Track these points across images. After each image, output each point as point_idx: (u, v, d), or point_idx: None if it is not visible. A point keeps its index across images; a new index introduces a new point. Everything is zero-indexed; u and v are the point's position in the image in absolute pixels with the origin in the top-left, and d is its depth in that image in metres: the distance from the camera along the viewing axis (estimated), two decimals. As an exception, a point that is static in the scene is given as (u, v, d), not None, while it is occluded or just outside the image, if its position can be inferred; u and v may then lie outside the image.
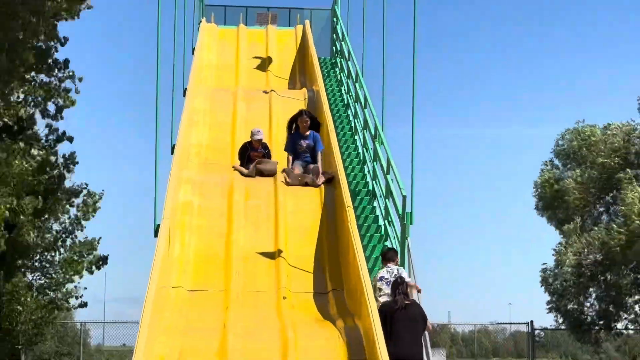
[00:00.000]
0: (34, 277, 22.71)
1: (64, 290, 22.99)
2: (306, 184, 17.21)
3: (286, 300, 14.93)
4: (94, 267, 23.89)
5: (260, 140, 18.85)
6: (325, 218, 16.76)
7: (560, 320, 39.24)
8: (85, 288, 23.75)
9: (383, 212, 18.64)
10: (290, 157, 18.44)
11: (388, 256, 15.49)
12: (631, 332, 40.75)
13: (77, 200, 24.39)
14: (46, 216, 22.60)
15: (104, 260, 24.06)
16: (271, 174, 18.23)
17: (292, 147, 18.32)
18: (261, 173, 18.32)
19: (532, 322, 36.92)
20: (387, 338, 12.71)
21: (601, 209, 39.09)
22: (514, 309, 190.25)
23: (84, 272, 23.55)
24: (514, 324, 51.77)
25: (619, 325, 39.31)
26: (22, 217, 20.53)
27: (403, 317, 13.69)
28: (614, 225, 36.13)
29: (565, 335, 42.81)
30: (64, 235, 23.50)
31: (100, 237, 24.11)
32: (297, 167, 17.84)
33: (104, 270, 30.36)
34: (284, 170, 17.92)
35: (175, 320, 13.85)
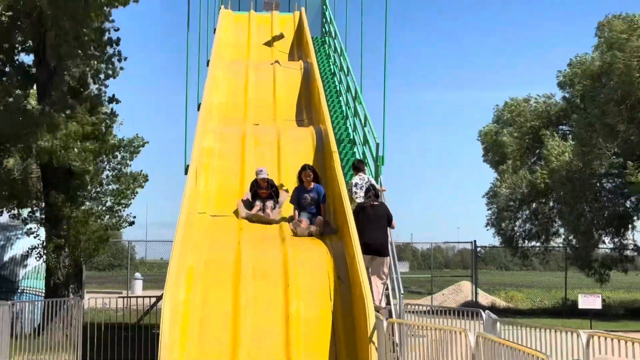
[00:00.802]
0: (93, 205, 22.72)
1: (116, 215, 23.03)
2: (310, 234, 14.32)
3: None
4: (138, 184, 23.82)
5: (265, 179, 15.48)
6: (316, 160, 16.83)
7: (496, 240, 39.61)
8: (134, 217, 23.71)
9: (361, 155, 18.75)
10: (297, 211, 15.06)
11: (359, 166, 16.53)
12: (552, 247, 41.04)
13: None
14: (102, 157, 22.61)
15: (144, 177, 23.93)
16: (269, 222, 15.10)
17: (297, 200, 15.13)
18: (258, 219, 15.15)
19: (475, 241, 37.16)
20: (360, 231, 13.59)
21: (528, 157, 39.31)
22: (461, 232, 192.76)
23: (131, 202, 23.60)
24: (461, 242, 52.05)
25: (541, 243, 39.68)
26: (84, 157, 20.56)
27: (372, 214, 14.41)
28: (538, 168, 36.43)
29: (500, 251, 43.03)
30: (114, 172, 23.48)
31: (142, 170, 24.07)
32: (303, 219, 14.72)
33: (146, 200, 30.39)
34: (290, 221, 14.98)
35: (201, 238, 13.96)
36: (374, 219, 14.33)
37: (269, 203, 15.23)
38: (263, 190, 15.32)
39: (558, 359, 6.98)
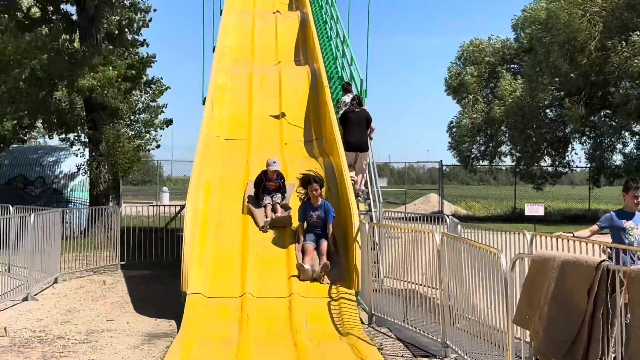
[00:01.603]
0: (127, 131, 22.70)
1: (146, 139, 23.02)
2: (314, 280, 11.02)
3: (287, 145, 15.05)
4: (164, 125, 23.81)
5: (276, 171, 12.68)
6: (311, 93, 16.74)
7: (458, 160, 39.71)
8: (161, 136, 23.74)
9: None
10: (301, 234, 11.79)
11: (347, 87, 16.55)
12: (503, 166, 41.20)
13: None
14: (134, 92, 22.53)
15: (170, 121, 23.95)
16: (285, 224, 12.24)
17: (303, 217, 11.93)
18: (274, 224, 12.26)
19: (441, 161, 37.15)
20: (346, 132, 14.32)
21: (485, 91, 39.14)
22: (430, 154, 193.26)
23: (158, 128, 23.58)
24: (429, 162, 52.05)
25: (494, 162, 39.83)
26: (118, 94, 20.49)
27: (355, 118, 14.62)
28: (495, 101, 36.35)
29: (461, 169, 43.11)
30: (144, 104, 23.42)
31: (166, 104, 24.01)
32: (307, 258, 11.30)
33: (171, 127, 30.37)
34: (296, 237, 11.81)
35: (216, 157, 13.96)
36: (356, 122, 14.62)
37: (277, 198, 12.47)
38: (272, 183, 12.54)
39: (507, 253, 7.08)
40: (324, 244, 11.46)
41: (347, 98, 15.88)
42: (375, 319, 10.42)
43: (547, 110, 36.80)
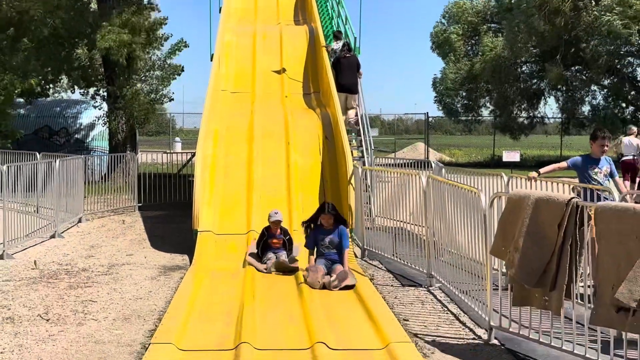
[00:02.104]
0: (143, 86, 22.51)
1: (160, 93, 22.84)
2: (324, 286, 8.33)
3: (287, 97, 14.95)
4: (178, 73, 23.37)
5: (279, 222, 9.86)
6: (309, 50, 16.55)
7: (443, 112, 39.58)
8: (173, 93, 23.51)
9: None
10: (312, 257, 9.07)
11: (337, 35, 16.47)
12: (483, 118, 41.10)
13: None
14: (149, 49, 22.24)
15: (182, 69, 23.47)
16: (292, 270, 9.16)
17: (312, 243, 9.14)
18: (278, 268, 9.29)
19: (427, 113, 37.00)
20: (337, 75, 14.52)
21: (468, 47, 38.81)
22: (417, 106, 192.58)
23: (173, 77, 23.25)
24: (417, 114, 51.83)
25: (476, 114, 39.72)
26: (133, 50, 20.25)
27: (346, 63, 14.90)
28: (478, 58, 36.09)
29: (446, 120, 43.01)
30: (161, 61, 23.12)
31: (182, 67, 23.66)
32: (320, 266, 8.74)
33: (182, 83, 30.09)
34: (307, 269, 8.84)
35: (223, 108, 13.88)
36: (348, 66, 14.89)
37: (282, 254, 9.47)
38: (275, 240, 9.68)
39: (486, 193, 7.09)
40: (339, 268, 8.58)
41: (337, 45, 15.87)
42: (367, 253, 10.49)
43: (524, 67, 36.58)
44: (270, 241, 9.64)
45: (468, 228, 7.33)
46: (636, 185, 14.96)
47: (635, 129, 17.79)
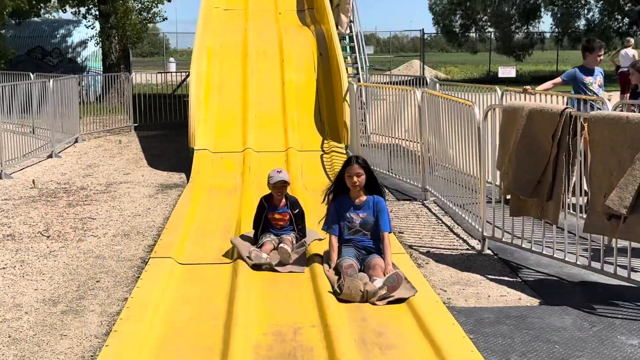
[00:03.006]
0: (134, 4, 22.07)
1: (152, 12, 22.42)
2: (365, 300, 4.99)
3: (281, 14, 14.69)
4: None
5: (285, 186, 6.21)
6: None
7: (439, 29, 39.09)
8: (165, 12, 23.04)
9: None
10: (333, 250, 5.63)
11: None
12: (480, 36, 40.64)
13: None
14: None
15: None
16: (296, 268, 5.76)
17: (335, 222, 5.67)
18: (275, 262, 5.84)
19: (422, 29, 36.51)
20: None
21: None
22: (413, 24, 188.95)
23: (163, 2, 22.81)
24: (412, 30, 51.07)
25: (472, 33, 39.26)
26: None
27: None
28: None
29: (442, 38, 42.49)
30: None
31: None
32: (353, 263, 5.37)
33: (174, 2, 29.41)
34: (338, 266, 5.46)
35: (216, 26, 13.64)
36: None
37: (288, 238, 6.11)
38: (278, 216, 6.23)
39: (480, 106, 7.07)
40: (378, 262, 5.42)
41: None
42: (362, 169, 10.50)
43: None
44: (271, 216, 6.22)
45: (462, 142, 7.33)
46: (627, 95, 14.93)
47: (632, 40, 17.63)
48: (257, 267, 5.74)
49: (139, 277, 5.67)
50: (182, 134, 11.73)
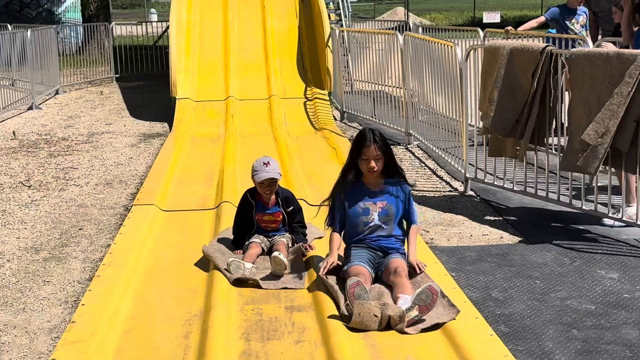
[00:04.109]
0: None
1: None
2: (388, 325, 3.70)
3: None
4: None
5: (275, 183, 4.70)
6: None
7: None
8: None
9: None
10: (333, 247, 4.28)
11: None
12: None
13: None
14: None
15: None
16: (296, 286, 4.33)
17: (341, 216, 4.31)
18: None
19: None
20: None
21: None
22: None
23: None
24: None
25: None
26: None
27: None
28: None
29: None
30: None
31: None
32: (366, 271, 4.11)
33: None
34: (347, 286, 3.85)
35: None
36: None
37: (282, 241, 4.72)
38: (268, 217, 4.79)
39: (462, 47, 7.01)
40: (400, 264, 4.21)
41: None
42: (346, 116, 10.48)
43: None
44: (259, 218, 4.80)
45: (445, 85, 7.30)
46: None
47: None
48: (239, 282, 4.38)
49: (121, 224, 5.67)
50: (165, 85, 11.60)
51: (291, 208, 4.82)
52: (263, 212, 4.79)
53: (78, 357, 3.56)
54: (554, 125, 5.64)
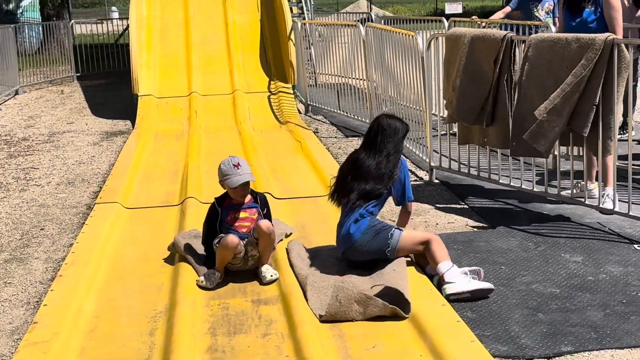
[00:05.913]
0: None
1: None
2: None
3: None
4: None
5: (249, 184, 4.38)
6: None
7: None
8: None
9: None
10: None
11: None
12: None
13: None
14: None
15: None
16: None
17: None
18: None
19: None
20: None
21: None
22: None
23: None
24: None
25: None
26: None
27: None
28: None
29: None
30: None
31: None
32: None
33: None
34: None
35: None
36: None
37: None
38: (244, 214, 4.40)
39: (424, 37, 7.02)
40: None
41: None
42: (311, 109, 10.46)
43: None
44: (233, 216, 4.40)
45: (408, 75, 7.30)
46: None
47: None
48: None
49: (84, 223, 5.58)
50: (127, 82, 11.45)
51: (265, 210, 4.51)
52: (238, 209, 4.39)
53: (40, 358, 3.49)
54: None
